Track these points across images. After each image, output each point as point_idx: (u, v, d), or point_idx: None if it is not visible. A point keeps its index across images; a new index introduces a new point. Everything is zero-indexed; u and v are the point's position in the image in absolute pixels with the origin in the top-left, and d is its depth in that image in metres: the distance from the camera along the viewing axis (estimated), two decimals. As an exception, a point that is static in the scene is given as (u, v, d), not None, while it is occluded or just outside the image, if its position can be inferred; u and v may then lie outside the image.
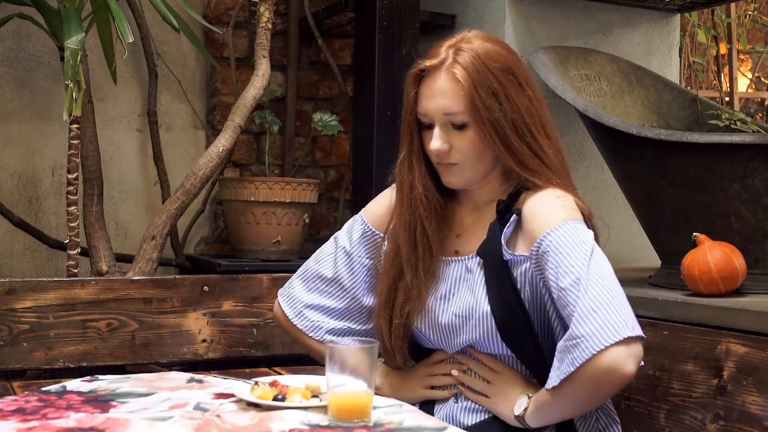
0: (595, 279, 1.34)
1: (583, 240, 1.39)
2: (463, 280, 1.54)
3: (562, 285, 1.35)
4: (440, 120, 1.49)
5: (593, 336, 1.28)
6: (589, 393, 1.33)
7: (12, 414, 1.27)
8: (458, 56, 1.48)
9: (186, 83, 2.85)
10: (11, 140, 2.64)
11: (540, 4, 2.59)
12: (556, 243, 1.39)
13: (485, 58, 1.47)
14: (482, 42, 1.50)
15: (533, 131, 1.49)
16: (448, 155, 1.50)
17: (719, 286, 1.87)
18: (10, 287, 1.86)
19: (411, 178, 1.56)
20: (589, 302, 1.31)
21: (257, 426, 1.23)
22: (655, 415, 1.75)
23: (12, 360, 1.85)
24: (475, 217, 1.57)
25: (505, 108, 1.47)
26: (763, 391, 1.55)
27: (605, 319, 1.29)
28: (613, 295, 1.33)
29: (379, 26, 2.51)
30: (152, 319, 1.97)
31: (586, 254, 1.37)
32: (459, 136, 1.49)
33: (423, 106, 1.51)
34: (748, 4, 4.01)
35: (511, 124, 1.47)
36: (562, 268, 1.36)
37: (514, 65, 1.51)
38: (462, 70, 1.46)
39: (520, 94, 1.49)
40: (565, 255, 1.37)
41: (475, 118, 1.46)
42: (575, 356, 1.30)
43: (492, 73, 1.47)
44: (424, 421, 1.28)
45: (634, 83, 2.55)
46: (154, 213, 2.66)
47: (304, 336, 1.67)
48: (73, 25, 2.02)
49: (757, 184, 1.94)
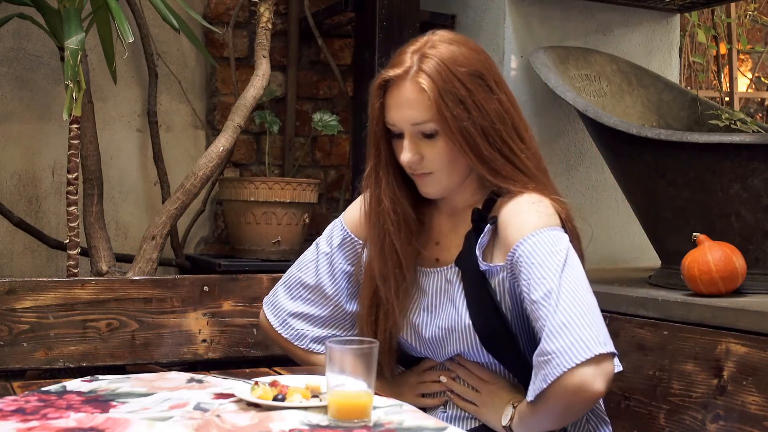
0: (567, 292, 1.32)
1: (556, 250, 1.36)
2: (444, 291, 1.52)
3: (533, 298, 1.34)
4: (409, 130, 1.46)
5: (563, 353, 1.27)
6: (560, 410, 1.32)
7: (12, 414, 1.27)
8: (423, 63, 1.43)
9: (186, 83, 2.85)
10: (11, 140, 2.64)
11: (540, 4, 2.59)
12: (528, 252, 1.36)
13: (451, 64, 1.43)
14: (447, 46, 1.46)
15: (504, 137, 1.46)
16: (421, 166, 1.47)
17: (719, 286, 1.87)
18: (10, 287, 1.86)
19: (378, 192, 1.53)
20: (560, 317, 1.30)
21: (257, 426, 1.23)
22: (655, 415, 1.75)
23: (12, 360, 1.85)
24: (453, 224, 1.55)
25: (474, 115, 1.43)
26: (763, 391, 1.55)
27: (575, 336, 1.27)
28: (585, 309, 1.31)
29: (379, 26, 2.51)
30: (152, 319, 1.97)
31: (558, 265, 1.34)
32: (430, 146, 1.46)
33: (390, 116, 1.47)
34: (748, 4, 4.01)
35: (481, 132, 1.43)
36: (534, 280, 1.34)
37: (482, 68, 1.46)
38: (427, 79, 1.42)
39: (489, 99, 1.45)
40: (537, 266, 1.35)
41: (443, 127, 1.43)
42: (546, 373, 1.29)
43: (458, 79, 1.43)
44: (424, 421, 1.28)
45: (634, 83, 2.55)
46: (154, 213, 2.66)
47: (290, 345, 1.67)
48: (73, 25, 2.02)
49: (757, 184, 1.94)
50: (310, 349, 1.66)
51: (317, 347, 1.65)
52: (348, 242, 1.63)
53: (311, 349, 1.66)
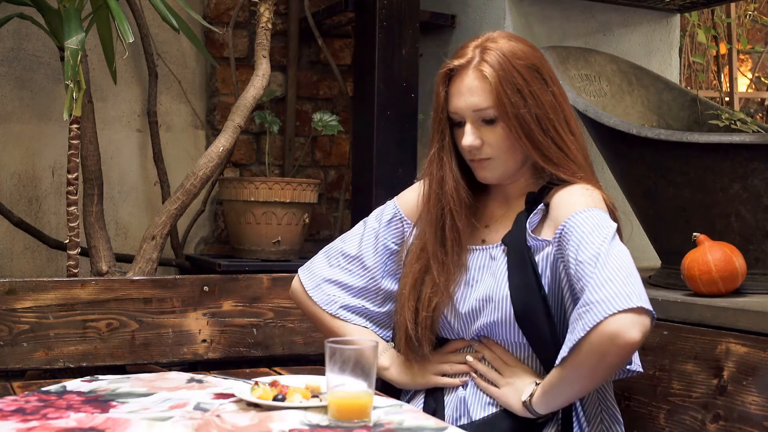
0: (614, 257, 1.37)
1: (605, 225, 1.43)
2: (487, 267, 1.57)
3: (580, 258, 1.38)
4: (471, 117, 1.54)
5: (604, 302, 1.31)
6: (594, 363, 1.33)
7: (12, 414, 1.27)
8: (485, 55, 1.53)
9: (186, 83, 2.85)
10: (11, 140, 2.64)
11: (540, 4, 2.59)
12: (579, 224, 1.43)
13: (510, 56, 1.53)
14: (507, 41, 1.56)
15: (557, 126, 1.54)
16: (480, 151, 1.55)
17: (719, 286, 1.87)
18: (10, 287, 1.86)
19: (441, 174, 1.60)
20: (605, 274, 1.34)
21: (257, 426, 1.23)
22: (655, 415, 1.75)
23: (12, 360, 1.85)
24: (505, 210, 1.62)
25: (530, 104, 1.52)
26: (763, 391, 1.55)
27: (618, 289, 1.32)
28: (630, 271, 1.37)
29: (379, 26, 2.51)
30: (152, 319, 1.97)
31: (607, 236, 1.40)
32: (490, 132, 1.54)
33: (453, 104, 1.56)
34: (748, 4, 4.01)
35: (536, 119, 1.52)
36: (584, 244, 1.40)
37: (538, 62, 1.56)
38: (489, 68, 1.52)
39: (544, 91, 1.54)
40: (587, 234, 1.41)
41: (501, 113, 1.51)
42: (585, 322, 1.32)
43: (517, 70, 1.52)
44: (424, 421, 1.28)
45: (634, 83, 2.55)
46: (154, 213, 2.66)
47: (318, 308, 1.69)
48: (73, 25, 2.02)
49: (757, 184, 1.94)
50: (338, 315, 1.68)
51: (345, 314, 1.68)
52: (397, 220, 1.69)
53: (338, 315, 1.68)
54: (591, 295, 1.33)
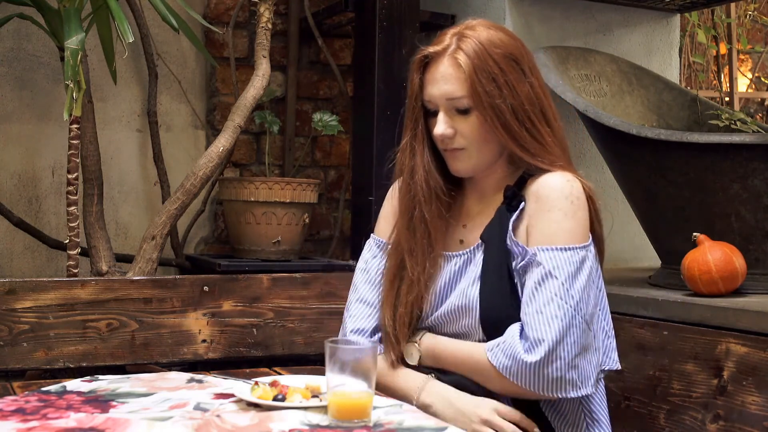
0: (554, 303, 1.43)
1: (567, 270, 1.43)
2: (463, 272, 1.55)
3: (531, 296, 1.44)
4: (444, 105, 1.52)
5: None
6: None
7: (12, 414, 1.27)
8: (461, 43, 1.51)
9: (186, 83, 2.85)
10: (11, 140, 2.64)
11: (540, 4, 2.59)
12: (545, 260, 1.44)
13: (487, 45, 1.50)
14: (485, 29, 1.53)
15: (532, 118, 1.51)
16: (453, 140, 1.52)
17: (719, 286, 1.87)
18: (10, 287, 1.86)
19: (412, 164, 1.58)
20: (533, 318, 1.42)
21: (257, 426, 1.23)
22: (655, 415, 1.75)
23: (12, 360, 1.85)
24: (482, 207, 1.59)
25: (505, 93, 1.49)
26: (763, 391, 1.55)
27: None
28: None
29: (379, 26, 2.51)
30: (152, 319, 1.96)
31: (561, 287, 1.42)
32: (463, 121, 1.51)
33: (427, 92, 1.53)
34: (748, 4, 4.01)
35: (511, 110, 1.49)
36: (540, 290, 1.43)
37: (517, 52, 1.53)
38: (464, 56, 1.49)
39: (521, 81, 1.51)
40: (545, 278, 1.43)
41: (476, 102, 1.48)
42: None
43: (493, 59, 1.49)
44: (424, 421, 1.28)
45: (634, 83, 2.55)
46: (154, 213, 2.66)
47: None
48: (73, 25, 2.02)
49: (757, 184, 1.94)
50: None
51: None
52: (378, 248, 1.67)
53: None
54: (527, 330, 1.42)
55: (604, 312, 1.56)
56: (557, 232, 1.46)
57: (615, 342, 1.56)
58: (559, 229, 1.46)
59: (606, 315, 1.57)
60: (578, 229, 1.48)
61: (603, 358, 1.53)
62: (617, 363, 1.55)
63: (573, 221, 1.47)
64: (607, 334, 1.55)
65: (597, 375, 1.48)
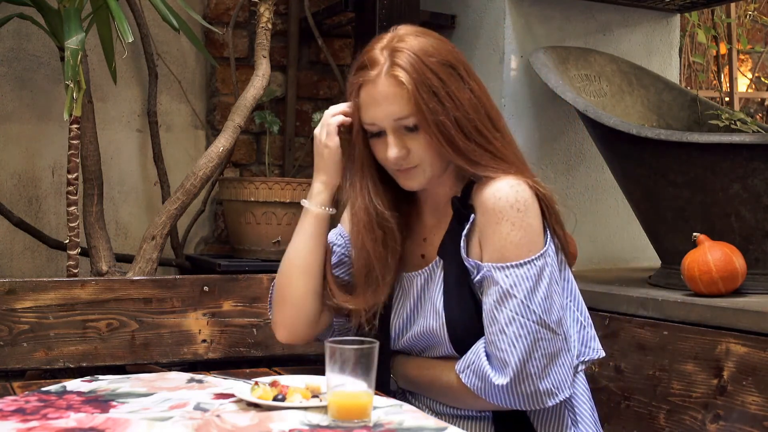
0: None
1: (526, 303, 1.40)
2: (426, 291, 1.54)
3: (492, 314, 1.41)
4: (391, 126, 1.44)
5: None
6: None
7: (12, 414, 1.27)
8: (395, 57, 1.42)
9: (186, 83, 2.85)
10: (11, 140, 2.64)
11: (540, 4, 2.59)
12: (500, 279, 1.41)
13: (422, 55, 1.42)
14: (415, 37, 1.45)
15: (479, 126, 1.45)
16: (407, 160, 1.45)
17: (719, 286, 1.87)
18: (10, 287, 1.86)
19: (353, 195, 1.53)
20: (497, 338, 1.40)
21: (257, 426, 1.23)
22: (655, 415, 1.75)
23: (12, 360, 1.85)
24: (437, 219, 1.56)
25: (448, 107, 1.42)
26: (763, 391, 1.55)
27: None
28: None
29: (379, 26, 2.50)
30: (152, 319, 1.96)
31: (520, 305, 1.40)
32: (413, 139, 1.44)
33: (369, 115, 1.45)
34: (748, 4, 4.01)
35: (455, 124, 1.42)
36: (494, 314, 1.41)
37: (451, 57, 1.46)
38: (403, 72, 1.41)
39: (462, 88, 1.44)
40: (502, 310, 1.40)
41: (421, 120, 1.42)
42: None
43: (431, 70, 1.42)
44: (424, 421, 1.28)
45: (634, 83, 2.55)
46: (154, 213, 2.66)
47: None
48: (73, 25, 2.02)
49: (757, 184, 1.94)
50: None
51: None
52: (339, 236, 1.64)
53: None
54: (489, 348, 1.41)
55: (576, 303, 1.52)
56: (508, 247, 1.41)
57: (593, 330, 1.53)
58: (510, 244, 1.41)
59: (579, 306, 1.52)
60: (530, 238, 1.42)
61: (582, 349, 1.50)
62: (599, 351, 1.52)
63: (523, 231, 1.41)
64: (582, 325, 1.51)
65: (574, 372, 1.47)
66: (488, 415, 1.50)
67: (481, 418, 1.50)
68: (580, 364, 1.50)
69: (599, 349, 1.52)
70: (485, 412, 1.50)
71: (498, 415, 1.48)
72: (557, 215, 1.48)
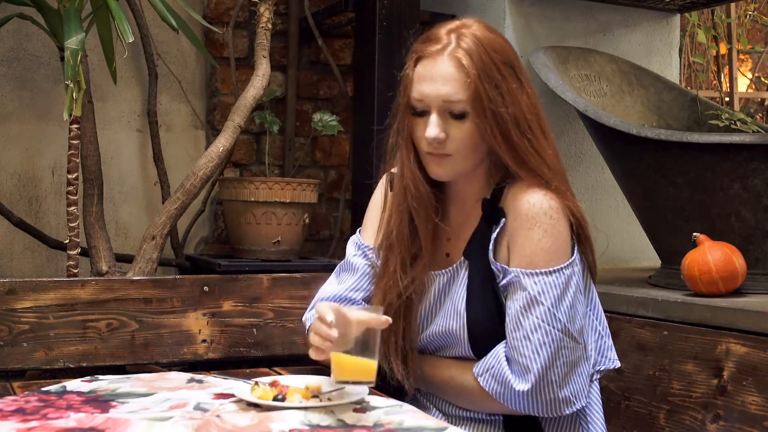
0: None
1: (553, 311, 1.40)
2: (447, 290, 1.52)
3: (518, 320, 1.41)
4: (439, 107, 1.41)
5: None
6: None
7: (12, 414, 1.27)
8: (461, 41, 1.41)
9: (186, 83, 2.85)
10: (11, 140, 2.64)
11: (540, 4, 2.59)
12: (529, 285, 1.40)
13: (488, 48, 1.41)
14: (482, 29, 1.44)
15: (533, 128, 1.43)
16: (443, 145, 1.42)
17: (719, 286, 1.87)
18: (10, 287, 1.86)
19: (401, 166, 1.50)
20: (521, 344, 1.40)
21: (257, 426, 1.23)
22: (655, 415, 1.75)
23: (12, 360, 1.85)
24: (463, 218, 1.54)
25: (507, 101, 1.40)
26: (763, 391, 1.55)
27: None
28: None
29: (379, 26, 2.51)
30: (152, 319, 1.96)
31: (546, 312, 1.40)
32: (456, 127, 1.41)
33: (419, 90, 1.42)
34: (748, 4, 4.01)
35: (513, 119, 1.41)
36: (519, 319, 1.40)
37: (514, 60, 1.46)
38: (466, 56, 1.39)
39: (521, 91, 1.43)
40: (528, 316, 1.40)
41: (476, 108, 1.39)
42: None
43: (495, 64, 1.41)
44: (424, 421, 1.28)
45: (634, 83, 2.55)
46: (154, 213, 2.66)
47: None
48: (73, 25, 2.02)
49: (757, 184, 1.94)
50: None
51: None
52: (361, 248, 1.62)
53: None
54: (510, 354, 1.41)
55: (596, 312, 1.53)
56: (538, 253, 1.41)
57: (611, 340, 1.54)
58: (541, 250, 1.41)
59: (598, 315, 1.54)
60: (560, 246, 1.42)
61: (598, 359, 1.51)
62: (615, 362, 1.53)
63: (554, 239, 1.41)
64: (600, 335, 1.53)
65: (590, 381, 1.48)
66: (499, 418, 1.49)
67: (492, 421, 1.50)
68: (595, 373, 1.51)
69: (615, 360, 1.53)
70: (496, 416, 1.49)
71: (509, 419, 1.48)
72: (589, 240, 1.48)
